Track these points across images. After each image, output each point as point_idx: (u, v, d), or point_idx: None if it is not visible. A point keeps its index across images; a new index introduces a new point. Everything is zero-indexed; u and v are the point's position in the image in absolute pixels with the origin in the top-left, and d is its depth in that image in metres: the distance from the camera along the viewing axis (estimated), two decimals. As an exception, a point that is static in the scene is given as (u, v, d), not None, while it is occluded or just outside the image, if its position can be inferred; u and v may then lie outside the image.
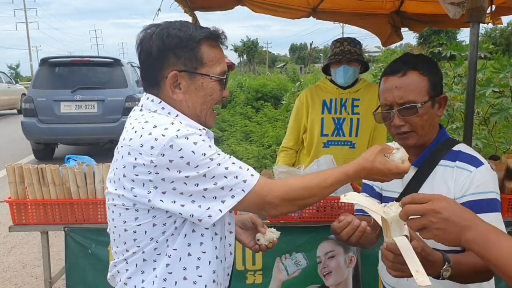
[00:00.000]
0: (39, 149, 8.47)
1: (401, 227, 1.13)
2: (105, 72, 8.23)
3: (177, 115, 1.29)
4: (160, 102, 1.30)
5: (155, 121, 1.23)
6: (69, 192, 2.41)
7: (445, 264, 1.16)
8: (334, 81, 2.85)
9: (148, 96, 1.32)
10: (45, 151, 8.56)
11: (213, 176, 1.20)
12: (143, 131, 1.21)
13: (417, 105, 1.44)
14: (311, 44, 57.38)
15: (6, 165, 2.41)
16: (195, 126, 1.29)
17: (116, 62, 8.29)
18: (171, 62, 1.27)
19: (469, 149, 1.51)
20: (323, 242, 2.44)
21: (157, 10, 3.02)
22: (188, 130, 1.21)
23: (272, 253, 2.40)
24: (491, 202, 1.39)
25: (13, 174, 2.39)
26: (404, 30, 3.78)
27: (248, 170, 1.25)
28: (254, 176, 1.25)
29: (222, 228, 1.35)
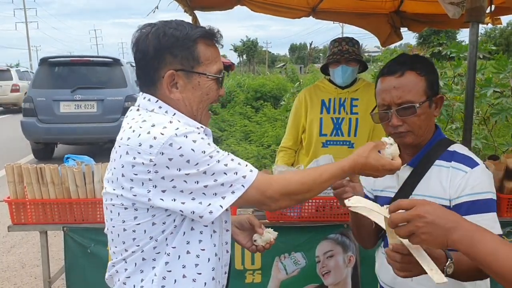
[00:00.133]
0: (39, 149, 8.47)
1: None
2: (105, 72, 8.22)
3: (174, 114, 1.29)
4: (157, 101, 1.30)
5: (153, 120, 1.23)
6: (68, 192, 2.41)
7: (448, 261, 1.17)
8: (333, 81, 2.85)
9: (145, 96, 1.32)
10: (45, 151, 8.56)
11: (213, 173, 1.21)
12: (141, 130, 1.21)
13: (415, 105, 1.45)
14: (311, 44, 57.55)
15: (5, 165, 2.41)
16: (193, 125, 1.29)
17: (116, 62, 8.29)
18: (168, 61, 1.27)
19: (464, 150, 1.53)
20: (322, 242, 2.45)
21: (155, 8, 3.02)
22: (187, 129, 1.21)
23: (271, 253, 2.40)
24: (487, 203, 1.40)
25: (12, 174, 2.40)
26: (404, 30, 3.78)
27: (247, 166, 1.27)
28: (253, 172, 1.26)
29: (220, 226, 1.36)
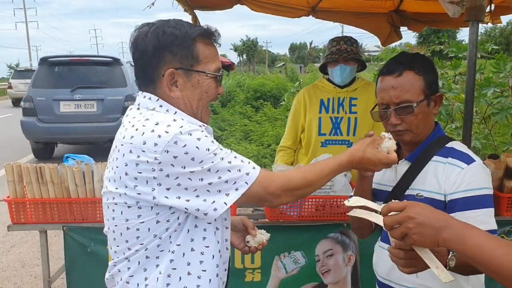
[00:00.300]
0: (39, 149, 8.48)
1: None
2: (105, 72, 8.22)
3: (176, 112, 1.30)
4: (158, 100, 1.30)
5: (156, 119, 1.24)
6: (68, 191, 2.41)
7: (450, 254, 1.17)
8: (332, 80, 2.84)
9: (145, 95, 1.32)
10: (45, 151, 8.56)
11: (217, 170, 1.22)
12: (145, 129, 1.21)
13: (413, 105, 1.48)
14: (311, 44, 57.49)
15: (5, 164, 2.41)
16: (195, 123, 1.30)
17: (116, 62, 8.28)
18: (167, 60, 1.28)
19: (462, 147, 1.55)
20: (322, 241, 2.45)
21: (150, 4, 3.01)
22: (191, 127, 1.23)
23: (271, 252, 2.41)
24: (483, 198, 1.42)
25: (12, 173, 2.40)
26: (404, 30, 3.78)
27: (250, 163, 1.29)
28: (256, 169, 1.29)
29: (222, 223, 1.37)
